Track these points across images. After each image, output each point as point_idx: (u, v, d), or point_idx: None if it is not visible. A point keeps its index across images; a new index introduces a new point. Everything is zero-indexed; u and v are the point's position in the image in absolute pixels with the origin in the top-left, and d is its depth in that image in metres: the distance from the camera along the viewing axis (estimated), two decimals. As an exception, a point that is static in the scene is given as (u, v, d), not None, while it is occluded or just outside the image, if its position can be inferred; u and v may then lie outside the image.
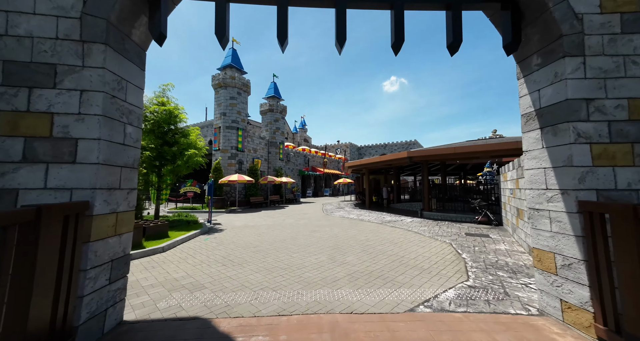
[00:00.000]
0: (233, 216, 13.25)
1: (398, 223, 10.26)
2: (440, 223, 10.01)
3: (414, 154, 11.32)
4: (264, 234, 8.15)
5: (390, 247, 6.25)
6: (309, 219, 11.86)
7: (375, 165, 15.22)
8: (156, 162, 9.05)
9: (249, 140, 21.46)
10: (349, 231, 8.43)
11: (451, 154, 10.37)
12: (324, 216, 12.99)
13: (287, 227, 9.50)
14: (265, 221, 11.15)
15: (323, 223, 10.36)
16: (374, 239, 7.20)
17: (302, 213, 14.54)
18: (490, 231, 8.19)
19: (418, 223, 10.01)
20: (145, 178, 8.79)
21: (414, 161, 11.62)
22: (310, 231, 8.51)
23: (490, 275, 4.17)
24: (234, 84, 18.85)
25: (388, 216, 12.20)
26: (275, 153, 24.47)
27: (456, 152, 9.98)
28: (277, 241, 7.00)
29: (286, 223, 10.70)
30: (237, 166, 18.75)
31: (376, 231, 8.38)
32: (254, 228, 9.48)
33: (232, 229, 9.30)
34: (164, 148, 8.98)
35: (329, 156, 39.40)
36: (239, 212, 15.44)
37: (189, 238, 7.26)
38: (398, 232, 8.23)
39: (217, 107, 19.02)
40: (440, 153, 10.47)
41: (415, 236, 7.50)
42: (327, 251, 5.87)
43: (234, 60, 19.46)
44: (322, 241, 7.02)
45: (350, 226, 9.49)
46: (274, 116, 25.19)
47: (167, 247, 6.04)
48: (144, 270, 4.62)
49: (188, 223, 9.13)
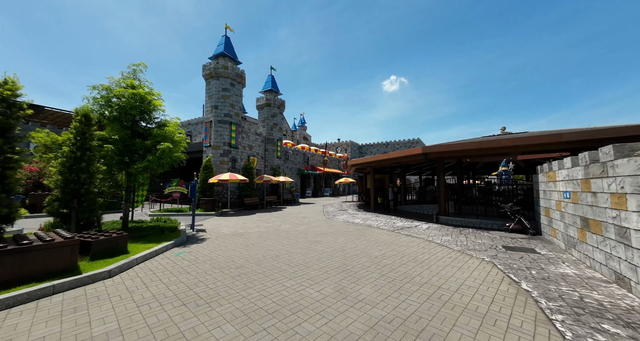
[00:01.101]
0: (222, 220, 11.70)
1: (413, 230, 8.74)
2: (463, 230, 8.50)
3: (431, 150, 9.80)
4: (253, 246, 6.62)
5: (417, 268, 4.73)
6: (308, 224, 10.33)
7: (382, 163, 13.70)
8: (125, 158, 7.48)
9: (244, 136, 19.90)
10: (357, 243, 6.90)
11: (476, 150, 8.85)
12: (326, 220, 11.47)
13: (283, 235, 7.96)
14: (257, 227, 9.61)
15: (325, 230, 8.83)
16: (391, 255, 5.67)
17: (300, 216, 13.01)
18: (532, 243, 6.67)
19: (437, 231, 8.49)
20: (109, 177, 7.22)
21: (429, 158, 10.11)
22: (309, 242, 6.97)
23: (597, 333, 2.65)
24: (227, 75, 17.26)
25: (399, 221, 10.68)
26: (272, 151, 22.92)
27: (482, 147, 8.46)
28: (268, 258, 5.47)
29: (282, 229, 9.17)
30: (230, 164, 17.20)
31: (391, 243, 6.85)
32: (243, 236, 7.94)
33: (217, 238, 7.76)
34: (133, 141, 7.42)
35: (329, 154, 37.86)
36: (231, 215, 13.91)
37: (155, 253, 5.71)
38: (418, 244, 6.70)
39: (209, 100, 17.44)
40: (463, 149, 8.95)
41: (442, 251, 5.98)
42: (333, 277, 4.34)
43: (227, 48, 17.87)
44: (325, 258, 5.49)
45: (357, 235, 7.97)
46: (272, 110, 23.62)
47: (118, 269, 4.49)
48: (39, 323, 2.87)
49: (162, 231, 7.58)
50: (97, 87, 7.08)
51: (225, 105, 17.29)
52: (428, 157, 10.09)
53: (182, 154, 8.48)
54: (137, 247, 5.86)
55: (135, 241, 6.48)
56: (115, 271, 4.41)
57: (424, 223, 10.17)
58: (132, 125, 7.63)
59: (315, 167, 33.07)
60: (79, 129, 5.87)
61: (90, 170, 5.97)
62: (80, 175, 5.75)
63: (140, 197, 9.80)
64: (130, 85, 7.50)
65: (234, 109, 17.72)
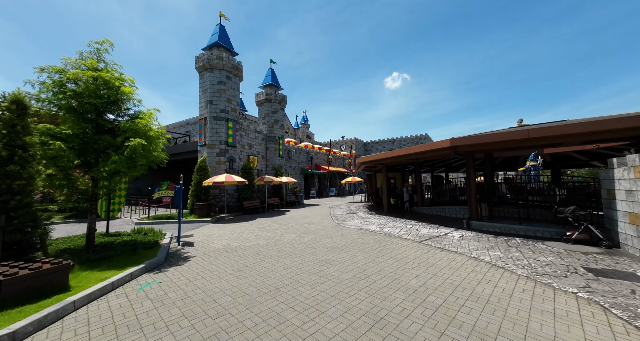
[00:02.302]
0: (217, 229, 10.19)
1: (444, 240, 7.11)
2: (508, 240, 6.83)
3: (461, 142, 8.13)
4: (246, 270, 5.06)
5: (487, 316, 3.12)
6: (316, 233, 8.75)
7: (398, 160, 12.05)
8: (90, 159, 5.98)
9: (243, 134, 18.38)
10: (381, 262, 5.30)
11: (520, 141, 7.15)
12: (335, 227, 9.88)
13: (285, 251, 6.40)
14: (255, 238, 8.06)
15: (337, 242, 7.24)
16: (434, 285, 4.06)
17: (306, 222, 11.45)
18: (618, 261, 4.99)
19: (475, 241, 6.85)
20: (66, 183, 5.70)
21: (458, 153, 8.45)
22: (320, 263, 5.39)
23: None
24: (222, 66, 15.73)
25: (422, 228, 9.04)
26: (274, 149, 21.39)
27: (531, 137, 6.77)
28: (264, 294, 3.90)
29: (284, 241, 7.61)
30: (227, 164, 15.70)
31: (425, 262, 5.23)
32: (237, 253, 6.40)
33: (204, 256, 6.23)
34: (98, 138, 5.91)
35: (333, 152, 36.25)
36: (228, 220, 12.42)
37: (112, 286, 4.19)
38: (462, 263, 5.07)
39: (203, 95, 15.94)
40: (504, 139, 7.27)
41: (503, 276, 4.34)
42: (363, 338, 2.76)
43: (221, 38, 16.34)
44: (344, 292, 3.91)
45: (378, 249, 6.36)
46: (272, 106, 22.07)
47: (31, 327, 2.94)
48: None
49: (134, 250, 6.04)
50: (47, 70, 5.57)
51: (221, 100, 15.77)
52: (457, 151, 8.42)
53: (163, 154, 6.98)
54: (89, 277, 4.35)
55: (93, 266, 4.97)
56: (22, 334, 2.85)
57: (453, 229, 8.52)
58: (96, 118, 6.12)
59: (320, 166, 31.48)
60: (7, 121, 4.36)
61: (26, 175, 4.46)
62: (8, 182, 4.24)
63: (118, 205, 8.32)
64: (91, 67, 5.98)
65: (230, 104, 16.20)
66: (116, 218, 13.84)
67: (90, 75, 5.74)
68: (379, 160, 13.01)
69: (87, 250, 5.98)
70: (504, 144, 7.54)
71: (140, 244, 6.58)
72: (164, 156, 6.93)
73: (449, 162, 19.65)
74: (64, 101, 5.59)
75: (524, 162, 19.74)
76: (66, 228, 10.95)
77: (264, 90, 22.24)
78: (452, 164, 21.48)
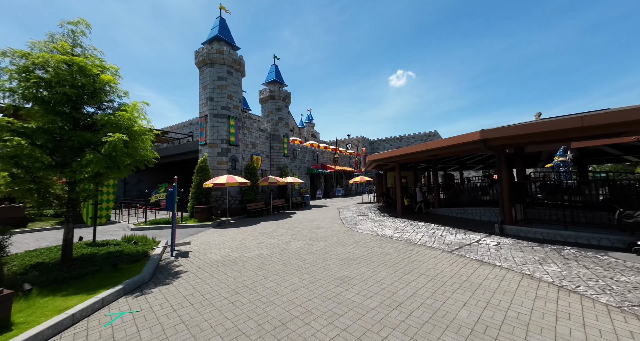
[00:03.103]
0: (217, 235, 9.29)
1: (479, 249, 6.02)
2: (558, 250, 5.70)
3: (493, 134, 7.00)
4: (245, 292, 4.10)
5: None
6: (326, 239, 7.75)
7: (413, 157, 10.95)
8: (67, 158, 5.11)
9: (246, 132, 17.52)
10: (413, 283, 4.26)
11: (571, 131, 5.99)
12: (347, 232, 8.86)
13: (293, 265, 5.41)
14: (258, 247, 7.11)
15: (351, 252, 6.22)
16: (496, 322, 3.01)
17: (314, 225, 10.46)
18: None
19: (517, 250, 5.74)
20: (35, 187, 4.84)
21: (489, 147, 7.33)
22: (335, 281, 4.39)
23: None
24: (223, 61, 14.87)
25: (447, 233, 7.95)
26: (278, 148, 20.48)
27: (586, 125, 5.62)
28: (264, 335, 2.92)
29: (291, 250, 6.64)
30: (229, 164, 14.83)
31: (471, 282, 4.17)
32: (236, 267, 5.45)
33: (197, 271, 5.30)
34: (72, 134, 5.03)
35: (340, 151, 35.19)
36: (231, 224, 11.53)
37: (71, 320, 3.26)
38: (515, 283, 3.99)
39: (203, 91, 15.11)
40: (551, 129, 6.11)
41: (588, 309, 3.25)
42: None
43: (222, 31, 15.48)
44: (370, 331, 2.89)
45: (404, 263, 5.32)
46: (276, 104, 21.16)
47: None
48: None
49: (115, 265, 5.12)
50: (9, 54, 4.72)
51: (222, 96, 14.91)
52: (488, 145, 7.30)
53: (151, 152, 6.08)
54: (46, 307, 3.44)
55: (59, 289, 4.06)
56: None
57: (484, 235, 7.41)
58: (71, 111, 5.24)
59: (326, 165, 30.49)
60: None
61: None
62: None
63: (106, 210, 7.48)
64: (63, 51, 5.11)
65: (232, 101, 15.33)
66: (112, 223, 13.12)
67: (61, 59, 4.86)
68: (392, 157, 11.93)
69: (62, 265, 5.11)
70: (546, 136, 6.39)
71: (126, 257, 5.69)
72: (150, 156, 6.03)
73: (463, 159, 18.39)
74: (30, 90, 4.72)
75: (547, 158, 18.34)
76: (57, 234, 10.22)
77: (268, 87, 21.34)
78: (467, 161, 20.17)
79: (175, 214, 7.36)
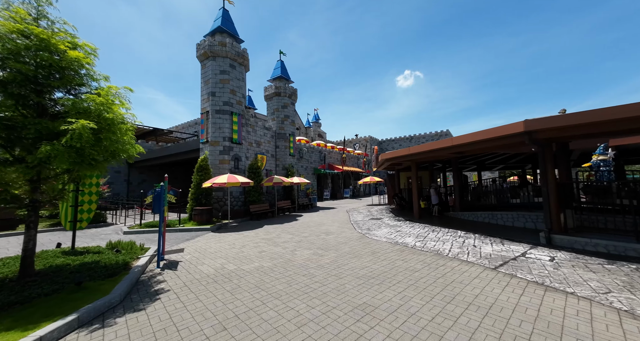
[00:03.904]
0: (215, 241, 8.33)
1: (532, 266, 4.82)
2: (630, 268, 4.46)
3: (542, 125, 5.77)
4: (235, 327, 3.05)
5: None
6: (337, 249, 6.67)
7: (435, 155, 9.73)
8: (27, 152, 4.21)
9: (250, 130, 16.61)
10: (462, 319, 3.12)
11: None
12: (361, 239, 7.75)
13: (297, 285, 4.34)
14: (259, 258, 6.07)
15: (369, 267, 5.11)
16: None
17: (322, 230, 9.38)
18: None
19: (583, 269, 4.52)
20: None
21: (535, 140, 6.10)
22: (354, 315, 3.29)
23: None
24: (225, 53, 14.00)
25: (480, 242, 6.75)
26: (284, 147, 19.52)
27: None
28: None
29: (296, 262, 5.58)
30: (232, 163, 13.93)
31: (543, 319, 3.00)
32: (230, 284, 4.42)
33: (182, 290, 4.29)
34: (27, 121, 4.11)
35: (347, 151, 34.04)
36: (232, 228, 10.57)
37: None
38: (616, 326, 2.82)
39: (204, 86, 14.28)
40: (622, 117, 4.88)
41: None
42: None
43: (225, 23, 14.65)
44: None
45: (440, 285, 4.17)
46: (282, 101, 20.23)
47: None
48: None
49: (79, 283, 4.14)
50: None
51: (225, 91, 14.04)
52: (533, 138, 6.07)
53: (132, 146, 5.14)
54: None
55: None
56: None
57: (527, 246, 6.17)
58: (29, 93, 4.32)
59: (333, 165, 29.40)
60: None
61: None
62: None
63: (87, 213, 6.59)
64: (19, 19, 4.21)
65: (235, 97, 14.44)
66: (108, 225, 12.36)
67: (14, 28, 3.95)
68: (409, 155, 10.75)
69: (17, 282, 4.19)
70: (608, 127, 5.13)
71: (100, 271, 4.74)
72: (132, 151, 5.08)
73: (482, 158, 17.02)
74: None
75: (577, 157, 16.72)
76: (48, 237, 9.48)
77: (273, 83, 20.44)
78: (486, 161, 18.76)
79: (165, 217, 6.42)
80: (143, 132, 26.38)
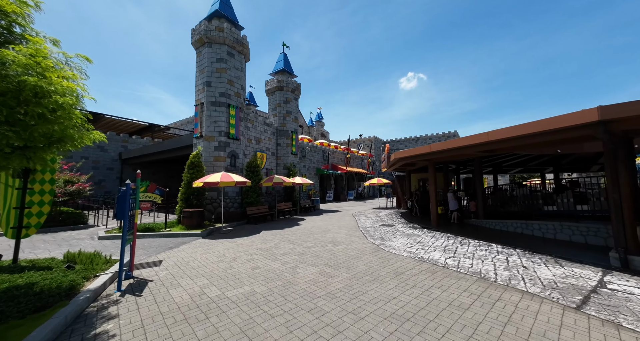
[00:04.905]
0: (203, 250, 6.99)
1: (627, 305, 3.45)
2: None
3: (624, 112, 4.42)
4: None
5: None
6: (350, 266, 5.31)
7: (459, 153, 8.34)
8: None
9: (249, 125, 15.31)
10: None
11: None
12: (375, 252, 6.38)
13: (300, 324, 2.97)
14: (250, 278, 4.71)
15: (397, 299, 3.75)
16: None
17: (328, 239, 8.01)
18: None
19: None
20: None
21: (610, 131, 4.74)
22: None
23: None
24: (223, 40, 12.72)
25: (532, 264, 5.37)
26: (286, 145, 18.20)
27: None
28: None
29: (298, 287, 4.22)
30: (228, 160, 12.61)
31: None
32: (207, 321, 3.07)
33: (136, 333, 2.95)
34: None
35: (352, 151, 32.67)
36: (225, 234, 9.24)
37: None
38: None
39: (199, 75, 12.99)
40: None
41: None
42: None
43: (223, 6, 13.37)
44: None
45: (505, 336, 2.80)
46: (284, 95, 18.93)
47: None
48: None
49: None
50: None
51: (222, 81, 12.74)
52: (609, 129, 4.70)
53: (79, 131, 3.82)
54: None
55: None
56: None
57: (597, 270, 4.79)
58: None
59: (337, 166, 28.03)
60: None
61: None
62: None
63: (37, 218, 5.26)
64: None
65: (233, 88, 13.14)
66: (88, 227, 11.07)
67: None
68: (428, 154, 9.38)
69: None
70: None
71: (27, 301, 3.41)
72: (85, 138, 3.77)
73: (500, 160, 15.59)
74: None
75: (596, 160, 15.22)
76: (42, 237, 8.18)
77: (275, 77, 19.15)
78: (504, 163, 17.33)
79: (135, 224, 5.10)
80: (139, 128, 25.21)
